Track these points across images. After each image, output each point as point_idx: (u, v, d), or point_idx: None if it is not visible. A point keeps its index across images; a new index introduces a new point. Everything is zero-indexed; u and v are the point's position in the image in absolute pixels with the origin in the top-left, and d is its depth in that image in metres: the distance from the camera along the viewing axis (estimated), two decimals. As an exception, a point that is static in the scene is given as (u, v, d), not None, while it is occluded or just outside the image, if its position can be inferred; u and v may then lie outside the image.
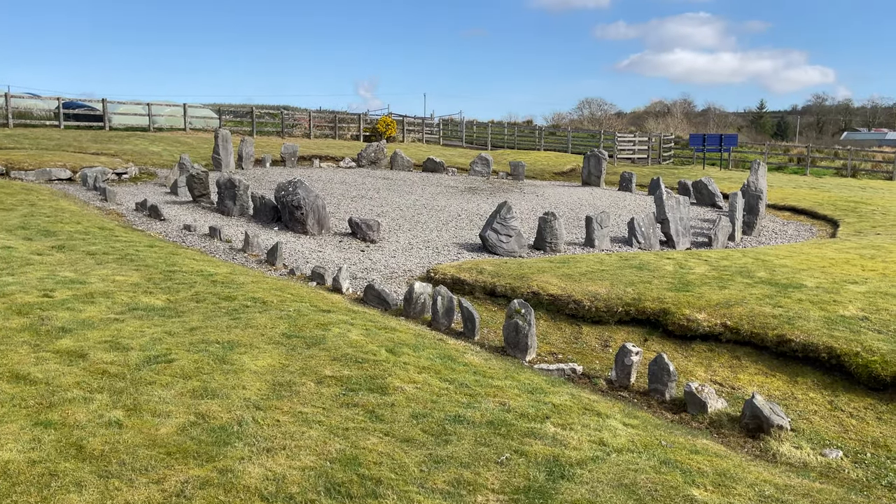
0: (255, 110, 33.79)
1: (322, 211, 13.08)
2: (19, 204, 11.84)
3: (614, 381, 6.52)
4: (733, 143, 32.62)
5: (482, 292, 9.08)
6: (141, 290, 6.92)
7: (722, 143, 31.59)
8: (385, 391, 4.65)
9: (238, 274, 8.35)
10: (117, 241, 9.52)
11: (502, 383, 5.16)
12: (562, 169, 28.60)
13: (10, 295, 6.32)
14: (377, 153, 26.33)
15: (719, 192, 19.45)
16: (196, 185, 15.12)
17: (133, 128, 28.70)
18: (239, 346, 5.28)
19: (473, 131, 43.92)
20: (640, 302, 8.10)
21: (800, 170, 32.92)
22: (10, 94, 26.43)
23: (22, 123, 25.78)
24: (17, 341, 5.17)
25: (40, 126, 26.11)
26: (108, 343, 5.19)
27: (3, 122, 25.38)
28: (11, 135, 23.01)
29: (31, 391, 4.28)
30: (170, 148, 24.03)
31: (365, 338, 5.87)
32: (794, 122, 69.22)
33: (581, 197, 19.55)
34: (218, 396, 4.33)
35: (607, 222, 12.92)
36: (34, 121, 26.58)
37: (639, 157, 35.55)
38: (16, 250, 8.34)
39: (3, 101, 25.95)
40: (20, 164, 17.32)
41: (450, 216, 15.23)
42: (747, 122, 71.80)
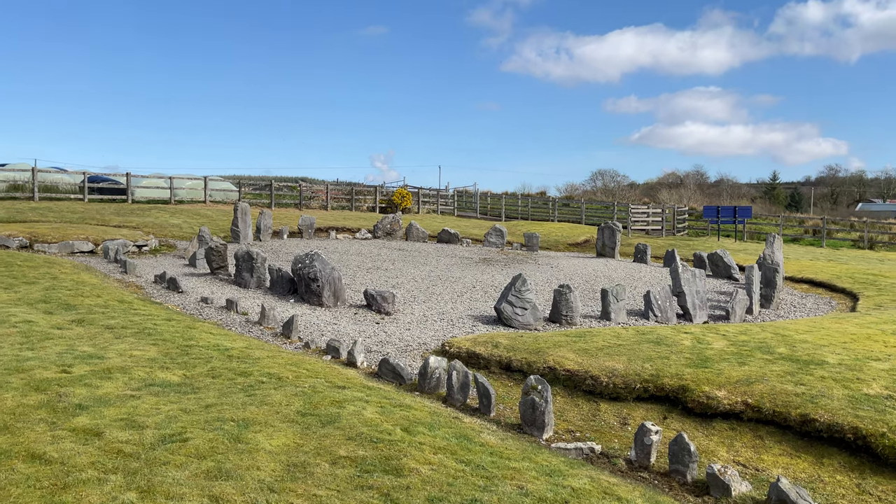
0: (274, 182, 34.53)
1: (338, 283, 13.17)
2: (42, 277, 12.04)
3: (634, 461, 6.37)
4: (747, 215, 32.71)
5: (498, 367, 9.01)
6: (158, 365, 6.94)
7: (736, 215, 31.69)
8: (400, 473, 4.58)
9: (254, 348, 8.37)
10: (136, 315, 9.61)
11: (519, 465, 5.07)
12: (576, 240, 28.74)
13: (30, 370, 6.37)
14: (393, 224, 26.66)
15: (735, 265, 19.39)
16: (214, 258, 15.33)
17: (155, 200, 29.37)
18: (254, 425, 5.25)
19: (487, 202, 44.48)
20: (659, 378, 7.99)
21: (816, 241, 32.84)
22: (36, 169, 27.27)
23: (48, 197, 26.49)
24: (35, 419, 5.18)
25: (65, 199, 26.80)
26: (123, 421, 5.19)
27: (30, 195, 26.09)
28: (37, 208, 23.61)
29: (47, 471, 4.26)
30: (190, 220, 24.49)
31: (380, 416, 5.82)
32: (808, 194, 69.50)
33: (596, 268, 19.56)
34: (232, 478, 4.28)
35: (623, 295, 12.88)
36: (59, 194, 27.30)
37: (653, 229, 35.68)
38: (36, 324, 8.44)
39: (30, 176, 26.75)
40: (44, 237, 17.70)
41: (464, 288, 15.26)
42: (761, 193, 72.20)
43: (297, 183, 38.17)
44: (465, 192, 46.98)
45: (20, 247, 17.14)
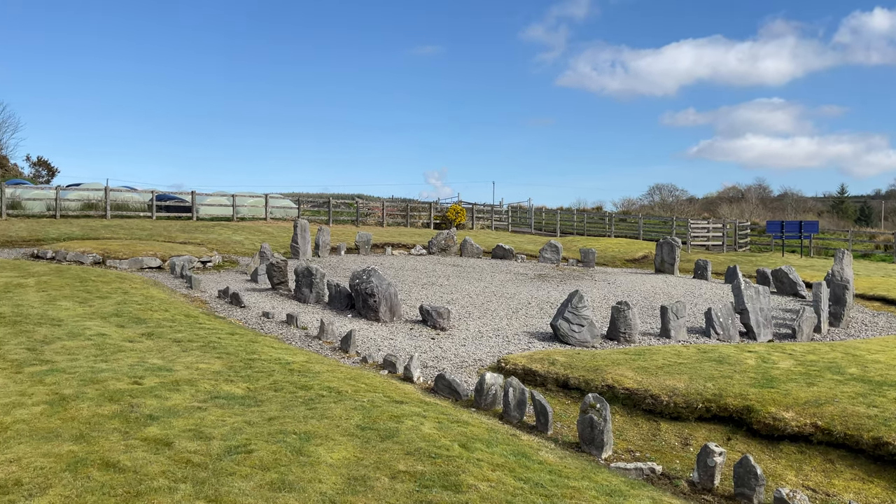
0: (332, 200, 35.19)
1: (394, 299, 13.32)
2: (114, 292, 12.57)
3: (696, 483, 6.22)
4: (814, 230, 31.59)
5: (554, 384, 8.94)
6: (223, 378, 7.16)
7: (802, 230, 30.66)
8: (459, 489, 4.60)
9: (314, 362, 8.53)
10: (201, 329, 9.93)
11: (579, 484, 5.02)
12: (633, 256, 28.29)
13: (104, 381, 6.66)
14: (447, 240, 26.80)
15: (801, 281, 18.74)
16: (275, 274, 15.72)
17: (218, 218, 30.31)
18: (315, 438, 5.36)
19: (542, 218, 44.25)
20: (722, 398, 7.80)
21: (888, 258, 31.48)
22: (109, 188, 28.54)
23: (118, 214, 27.66)
24: (109, 428, 5.41)
25: (135, 217, 27.93)
26: (192, 431, 5.37)
27: (102, 213, 27.30)
28: (109, 225, 24.68)
29: (120, 479, 4.44)
30: (251, 237, 25.18)
31: (438, 431, 5.86)
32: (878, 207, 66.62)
33: (654, 285, 19.21)
34: (295, 490, 4.38)
35: (683, 312, 12.61)
36: (130, 212, 28.47)
37: (713, 244, 34.84)
38: (109, 337, 8.82)
39: (103, 195, 28.00)
40: (115, 254, 18.48)
41: (520, 304, 15.21)
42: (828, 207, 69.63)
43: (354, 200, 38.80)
44: (520, 208, 46.87)
45: (93, 262, 17.93)
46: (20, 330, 8.86)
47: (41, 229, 22.57)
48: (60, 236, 21.55)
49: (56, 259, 18.08)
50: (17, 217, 25.30)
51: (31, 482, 4.37)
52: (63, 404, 5.94)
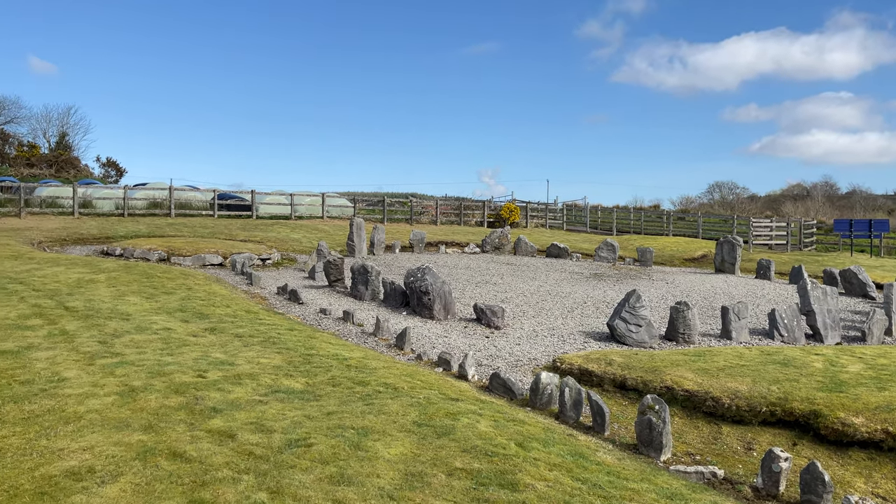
0: (386, 198, 35.54)
1: (448, 297, 13.36)
2: (178, 288, 12.99)
3: (761, 488, 6.05)
4: (885, 229, 30.26)
5: (611, 385, 8.82)
6: (282, 372, 7.31)
7: (872, 229, 29.40)
8: (516, 488, 4.59)
9: (370, 358, 8.64)
10: (261, 325, 10.17)
11: (638, 486, 4.94)
12: (692, 255, 27.65)
13: (170, 374, 6.89)
14: (501, 239, 26.72)
15: (871, 282, 17.99)
16: (332, 271, 15.97)
17: (276, 216, 30.98)
18: (373, 433, 5.42)
19: (598, 216, 43.67)
20: (787, 402, 7.55)
21: (966, 256, 29.91)
22: (172, 187, 29.50)
23: (182, 213, 28.57)
24: (175, 419, 5.59)
25: (197, 215, 28.80)
26: (253, 424, 5.51)
27: (167, 212, 28.24)
28: (173, 223, 25.52)
29: (186, 469, 4.59)
30: (308, 235, 25.65)
31: (494, 429, 5.85)
32: (955, 204, 63.37)
33: (715, 285, 18.74)
34: (353, 483, 4.44)
35: (745, 313, 12.27)
36: (192, 210, 29.38)
37: (776, 244, 33.76)
38: (175, 332, 9.12)
39: (167, 194, 28.97)
40: (179, 251, 19.09)
41: (575, 303, 15.05)
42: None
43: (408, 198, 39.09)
44: (575, 206, 46.36)
45: (159, 259, 18.57)
46: (92, 324, 9.25)
47: (110, 227, 23.49)
48: (128, 234, 22.40)
49: (124, 256, 18.80)
50: (88, 215, 26.40)
51: (103, 469, 4.56)
52: (132, 395, 6.17)
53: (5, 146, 50.20)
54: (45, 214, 25.77)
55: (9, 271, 13.54)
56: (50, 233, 21.63)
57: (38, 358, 7.41)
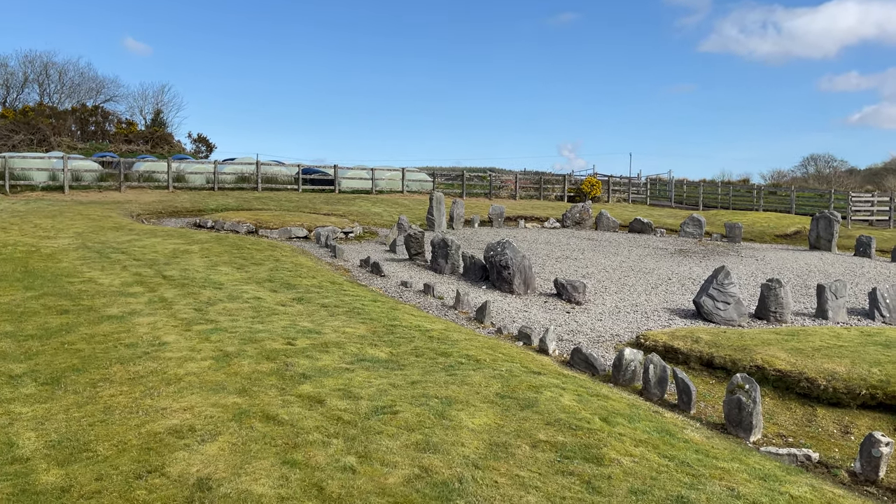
0: (465, 173, 35.52)
1: (528, 271, 13.28)
2: (266, 259, 13.46)
3: (859, 473, 5.77)
4: None
5: (697, 363, 8.58)
6: (367, 342, 7.49)
7: None
8: (601, 462, 4.55)
9: (451, 331, 8.72)
10: (346, 296, 10.42)
11: (728, 465, 4.81)
12: (785, 231, 26.40)
13: (261, 341, 7.17)
14: (582, 214, 26.29)
15: None
16: (412, 244, 16.15)
17: (358, 190, 31.53)
18: (456, 403, 5.49)
19: (683, 191, 42.25)
20: (890, 385, 7.15)
21: None
22: (259, 162, 30.45)
23: (268, 187, 29.48)
24: (267, 384, 5.83)
25: (283, 189, 29.66)
26: (341, 391, 5.67)
27: (254, 186, 29.21)
28: (260, 197, 26.40)
29: (279, 431, 4.79)
30: (389, 209, 26.01)
31: (577, 403, 5.81)
32: None
33: (809, 262, 17.85)
34: (439, 451, 4.52)
35: (843, 292, 11.64)
36: (278, 185, 30.26)
37: (878, 220, 31.79)
38: (264, 301, 9.47)
39: (254, 169, 29.93)
40: (267, 224, 19.75)
41: (659, 279, 14.68)
42: None
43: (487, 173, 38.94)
44: (659, 180, 44.99)
45: (247, 232, 19.28)
46: (188, 292, 9.72)
47: (201, 200, 24.53)
48: (218, 207, 23.33)
49: (215, 228, 19.61)
50: (182, 189, 27.64)
51: (202, 429, 4.81)
52: (227, 360, 6.46)
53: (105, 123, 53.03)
54: (143, 188, 27.17)
55: (112, 242, 14.38)
56: (147, 205, 22.80)
57: (140, 323, 7.87)
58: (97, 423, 4.92)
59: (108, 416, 5.07)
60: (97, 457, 4.38)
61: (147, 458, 4.34)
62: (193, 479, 4.05)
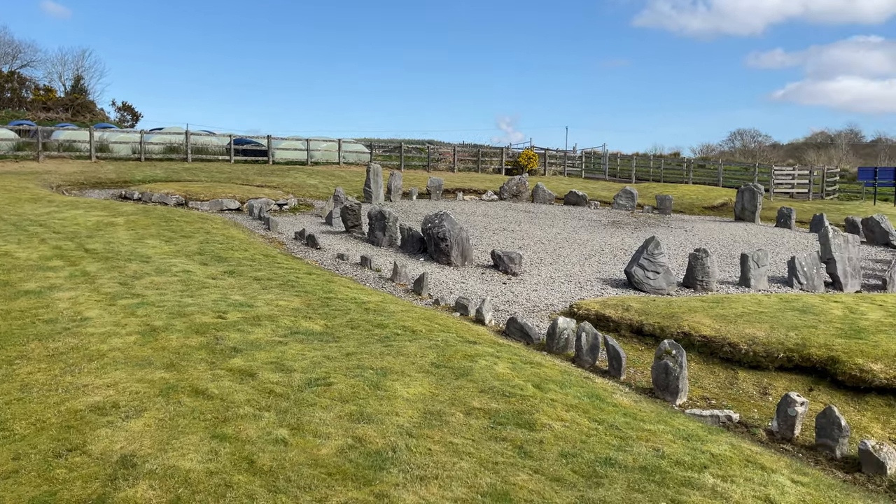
0: (403, 145, 35.24)
1: (466, 243, 13.34)
2: (196, 232, 13.06)
3: (776, 432, 6.07)
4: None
5: (628, 330, 8.82)
6: (301, 315, 7.38)
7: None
8: (533, 427, 4.63)
9: (388, 303, 8.68)
10: (279, 268, 10.23)
11: (654, 427, 4.97)
12: (712, 203, 27.32)
13: (191, 315, 6.97)
14: (519, 186, 26.52)
15: (894, 231, 17.72)
16: (349, 217, 15.96)
17: (293, 162, 30.87)
18: (391, 373, 5.48)
19: (617, 164, 43.11)
20: (805, 348, 7.52)
21: None
22: (189, 132, 29.41)
23: (199, 158, 28.53)
24: (196, 358, 5.68)
25: (214, 160, 28.77)
26: (273, 364, 5.58)
27: (184, 156, 28.23)
28: (190, 168, 25.54)
29: (209, 405, 4.68)
30: (325, 181, 25.60)
31: (511, 371, 5.89)
32: (984, 153, 61.75)
33: (734, 233, 18.55)
34: (373, 421, 4.50)
35: (765, 260, 12.15)
36: (209, 155, 29.32)
37: (798, 192, 33.25)
38: (194, 274, 9.20)
39: (184, 138, 28.91)
40: (197, 196, 19.15)
41: (593, 250, 14.99)
42: (927, 153, 64.93)
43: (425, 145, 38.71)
44: (594, 154, 45.75)
45: (177, 204, 18.65)
46: (112, 265, 9.35)
47: (127, 171, 23.56)
48: (145, 178, 22.47)
49: (142, 200, 18.89)
50: (106, 160, 26.46)
51: (127, 405, 4.65)
52: (154, 335, 6.26)
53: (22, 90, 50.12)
54: (63, 158, 25.86)
55: (29, 214, 13.67)
56: (68, 176, 21.74)
57: (60, 298, 7.52)
58: (14, 402, 4.69)
59: (26, 394, 4.84)
60: (14, 436, 4.18)
61: (67, 436, 4.17)
62: (117, 457, 3.92)
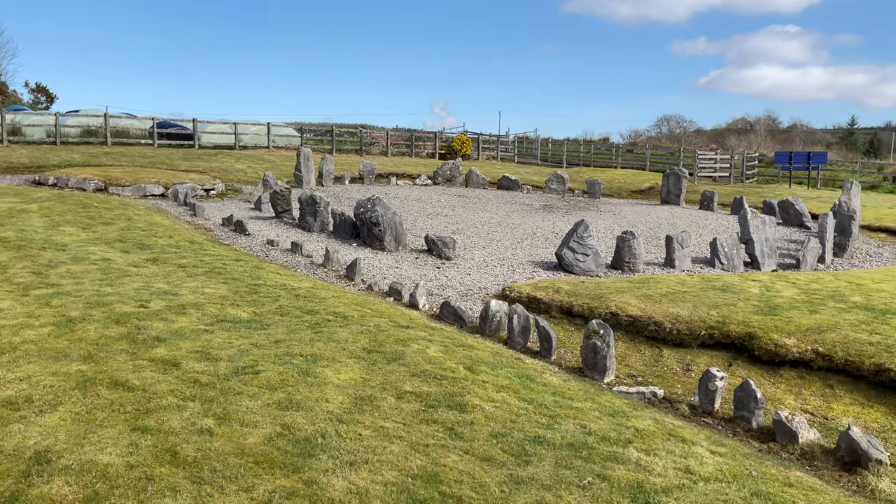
0: (335, 129, 34.73)
1: (399, 228, 13.28)
2: (117, 218, 12.54)
3: (697, 406, 6.31)
4: (822, 161, 31.19)
5: (558, 312, 8.99)
6: (228, 302, 7.19)
7: (810, 161, 30.26)
8: (464, 409, 4.66)
9: (319, 289, 8.56)
10: (206, 255, 9.93)
11: (582, 405, 5.08)
12: (640, 187, 28.07)
13: (110, 305, 6.69)
14: (452, 171, 26.55)
15: (807, 212, 18.64)
16: (279, 202, 15.64)
17: (220, 146, 29.97)
18: (322, 360, 5.40)
19: (548, 149, 43.71)
20: (725, 325, 7.84)
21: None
22: (108, 114, 28.13)
23: (119, 142, 27.35)
24: (116, 349, 5.46)
25: (136, 144, 27.64)
26: (199, 353, 5.42)
27: (103, 140, 27.00)
28: (110, 152, 24.45)
29: (129, 397, 4.50)
30: (254, 165, 24.97)
31: (443, 354, 5.91)
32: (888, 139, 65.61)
33: (660, 216, 19.12)
34: (302, 409, 4.44)
35: (688, 242, 12.57)
36: (130, 139, 28.14)
37: (720, 176, 34.52)
38: (114, 262, 8.83)
39: (103, 121, 27.64)
40: (118, 181, 18.37)
41: (525, 234, 15.18)
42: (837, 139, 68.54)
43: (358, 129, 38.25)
44: (526, 139, 46.25)
45: (96, 189, 17.84)
46: (25, 254, 8.87)
47: (42, 156, 22.37)
48: (61, 163, 21.38)
49: (58, 185, 17.98)
50: (18, 143, 25.04)
51: (41, 399, 4.43)
52: (70, 326, 5.98)
53: (-78, 69, 46.81)
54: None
55: (-68, 201, 12.83)
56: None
57: (-33, 289, 7.09)
58: (-87, 401, 4.40)
59: (-73, 391, 4.54)
60: (-87, 437, 3.92)
61: (-26, 434, 3.94)
62: (30, 453, 3.73)
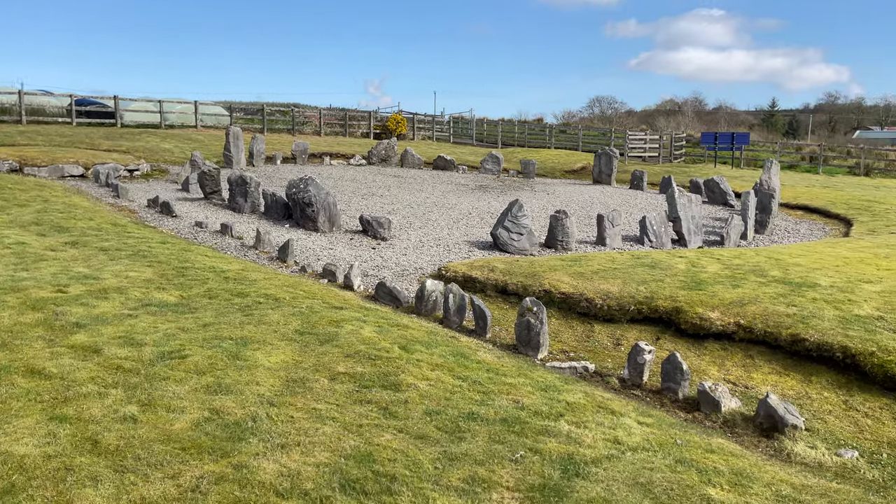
0: (266, 108, 33.89)
1: (333, 208, 13.10)
2: (33, 200, 11.91)
3: (627, 379, 6.49)
4: (745, 142, 32.41)
5: (494, 290, 9.06)
6: (154, 286, 6.94)
7: (734, 142, 31.40)
8: (398, 388, 4.65)
9: (250, 271, 8.37)
10: (130, 238, 9.56)
11: (515, 381, 5.15)
12: (573, 167, 28.52)
13: (25, 290, 6.36)
14: (388, 151, 26.34)
15: (731, 191, 19.34)
16: (207, 182, 15.17)
17: (144, 125, 28.83)
18: (252, 343, 5.29)
19: (484, 129, 43.87)
20: (653, 300, 8.06)
21: (812, 168, 32.70)
22: (23, 91, 26.63)
23: (35, 120, 25.96)
24: (32, 336, 5.20)
25: (53, 123, 26.28)
26: (122, 338, 5.22)
27: (17, 118, 25.56)
28: (25, 131, 23.17)
29: (46, 385, 4.30)
30: (181, 145, 24.13)
31: (378, 335, 5.87)
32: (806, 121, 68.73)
33: (592, 195, 19.49)
34: (232, 392, 4.33)
35: (619, 221, 12.86)
36: (47, 117, 26.74)
37: (650, 156, 35.41)
38: (30, 246, 8.39)
39: (17, 98, 26.15)
40: (33, 161, 17.43)
41: (461, 214, 15.22)
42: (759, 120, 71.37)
43: (290, 108, 37.42)
44: (462, 119, 46.27)
45: (10, 170, 16.89)
46: (-70, 239, 8.35)
47: (-51, 135, 21.03)
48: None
49: (-32, 167, 16.93)
50: (-79, 122, 23.46)
51: (-51, 391, 4.18)
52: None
53: None
54: None
55: None
56: None
57: None
58: None
59: None
60: None
61: None
62: (-64, 449, 3.51)
